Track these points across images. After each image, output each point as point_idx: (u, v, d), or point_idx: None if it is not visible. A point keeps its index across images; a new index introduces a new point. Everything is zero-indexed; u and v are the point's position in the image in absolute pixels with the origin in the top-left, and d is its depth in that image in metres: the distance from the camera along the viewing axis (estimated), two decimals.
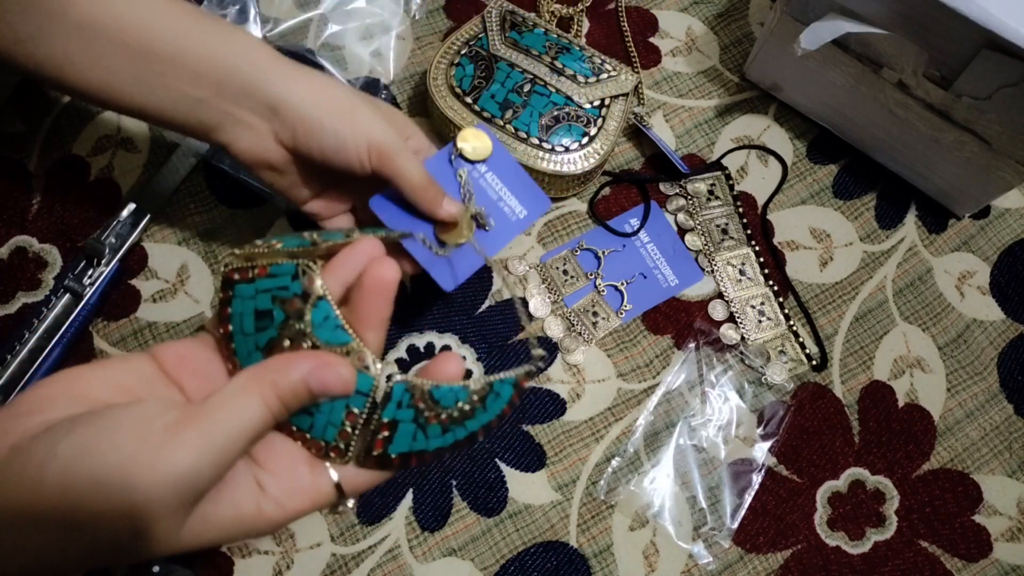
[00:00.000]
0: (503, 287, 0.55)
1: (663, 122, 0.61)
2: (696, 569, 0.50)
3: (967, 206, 0.58)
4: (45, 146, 0.57)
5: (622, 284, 0.56)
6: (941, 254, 0.58)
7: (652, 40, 0.63)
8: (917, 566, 0.51)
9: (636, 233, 0.57)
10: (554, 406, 0.53)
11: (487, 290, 0.55)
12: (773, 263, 0.57)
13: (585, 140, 0.54)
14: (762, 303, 0.56)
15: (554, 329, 0.54)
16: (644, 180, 0.59)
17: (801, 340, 0.55)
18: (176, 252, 0.55)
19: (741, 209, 0.58)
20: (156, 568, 0.45)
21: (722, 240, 0.58)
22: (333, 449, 0.32)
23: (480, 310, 0.55)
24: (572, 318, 0.55)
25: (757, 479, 0.52)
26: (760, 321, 0.55)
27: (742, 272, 0.57)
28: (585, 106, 0.55)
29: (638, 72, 0.62)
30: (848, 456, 0.53)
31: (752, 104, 0.62)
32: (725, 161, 0.60)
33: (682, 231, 0.58)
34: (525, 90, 0.55)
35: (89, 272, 0.52)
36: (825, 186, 0.60)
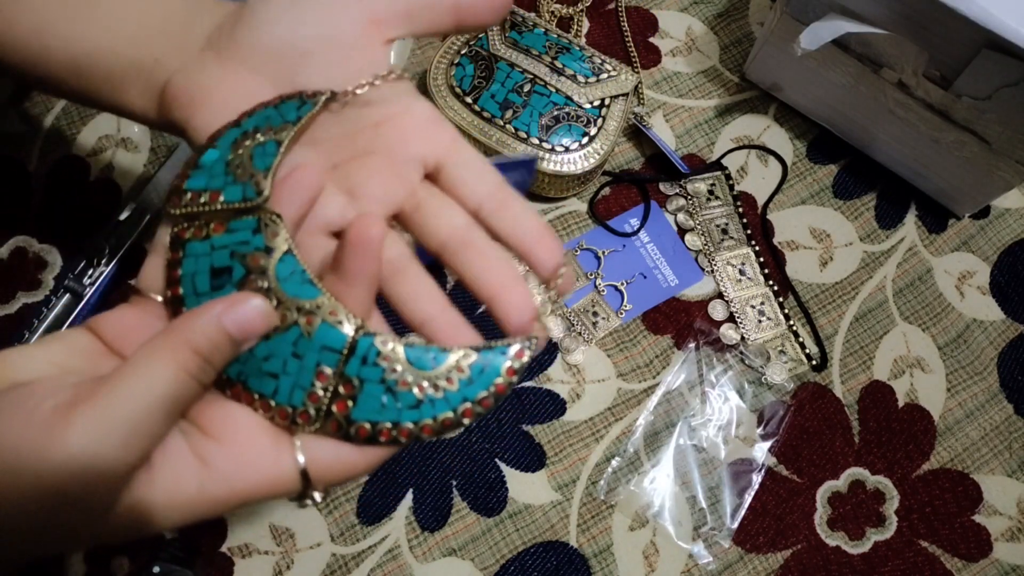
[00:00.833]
0: None
1: (663, 122, 0.61)
2: (696, 569, 0.50)
3: (967, 206, 0.58)
4: (45, 146, 0.57)
5: (622, 284, 0.56)
6: (941, 254, 0.58)
7: (652, 40, 0.63)
8: (917, 566, 0.51)
9: (636, 233, 0.57)
10: (554, 406, 0.53)
11: None
12: (773, 263, 0.57)
13: (585, 140, 0.54)
14: (762, 303, 0.56)
15: (554, 329, 0.54)
16: (644, 180, 0.59)
17: (801, 340, 0.55)
18: None
19: (741, 209, 0.58)
20: (156, 569, 0.45)
21: (722, 240, 0.58)
22: (301, 415, 0.28)
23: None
24: (572, 318, 0.55)
25: (757, 479, 0.52)
26: (760, 321, 0.55)
27: (742, 272, 0.57)
28: (585, 106, 0.55)
29: (638, 72, 0.62)
30: (848, 456, 0.53)
31: (752, 104, 0.62)
32: (725, 161, 0.60)
33: (682, 231, 0.58)
34: (525, 90, 0.55)
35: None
36: (825, 186, 0.60)
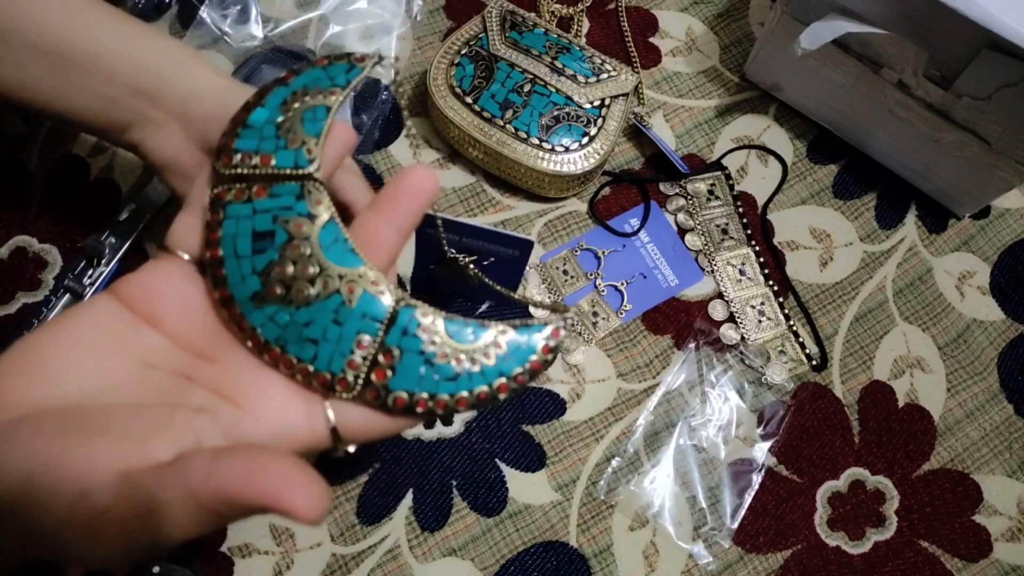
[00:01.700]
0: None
1: (663, 122, 0.61)
2: (696, 569, 0.50)
3: (967, 206, 0.58)
4: (45, 146, 0.57)
5: (622, 284, 0.56)
6: (941, 254, 0.58)
7: (652, 40, 0.63)
8: (917, 566, 0.51)
9: (636, 233, 0.57)
10: (554, 406, 0.53)
11: None
12: (773, 263, 0.57)
13: (585, 140, 0.54)
14: (762, 303, 0.56)
15: None
16: (644, 180, 0.59)
17: (801, 340, 0.55)
18: None
19: (741, 209, 0.58)
20: (156, 569, 0.45)
21: (722, 240, 0.58)
22: (340, 382, 0.28)
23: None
24: (572, 318, 0.55)
25: (757, 479, 0.52)
26: (760, 321, 0.55)
27: (742, 272, 0.57)
28: (585, 106, 0.55)
29: (638, 72, 0.62)
30: (848, 456, 0.53)
31: (752, 104, 0.62)
32: (725, 161, 0.60)
33: (682, 231, 0.58)
34: (525, 90, 0.55)
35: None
36: (825, 186, 0.60)
